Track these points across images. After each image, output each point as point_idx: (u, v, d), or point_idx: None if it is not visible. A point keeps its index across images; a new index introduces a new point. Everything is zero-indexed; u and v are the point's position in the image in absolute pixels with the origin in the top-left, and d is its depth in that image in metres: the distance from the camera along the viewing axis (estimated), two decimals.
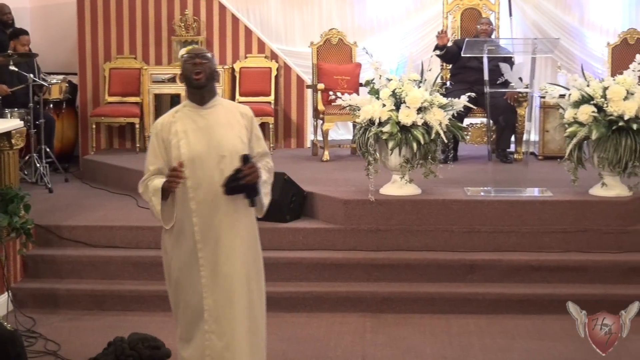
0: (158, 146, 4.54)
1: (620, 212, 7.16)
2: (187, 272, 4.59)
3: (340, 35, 10.30)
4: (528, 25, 10.90)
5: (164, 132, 4.53)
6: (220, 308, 4.55)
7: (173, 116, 4.56)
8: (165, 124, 4.55)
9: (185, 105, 4.59)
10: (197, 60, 4.51)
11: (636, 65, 7.31)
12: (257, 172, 4.48)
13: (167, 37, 10.60)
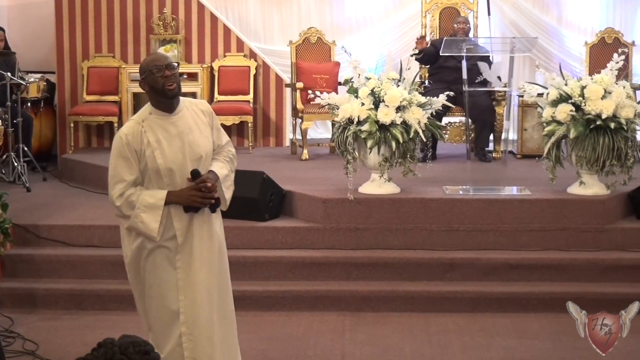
0: (131, 156, 4.39)
1: (598, 210, 7.19)
2: (163, 276, 4.53)
3: (319, 34, 10.30)
4: (506, 25, 10.93)
5: (135, 142, 4.39)
6: (196, 309, 4.52)
7: (141, 125, 4.42)
8: (135, 134, 4.40)
9: (152, 113, 4.47)
10: (167, 72, 4.43)
11: (614, 64, 7.33)
12: (212, 188, 4.44)
13: (146, 35, 10.56)
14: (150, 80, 4.44)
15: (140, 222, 4.38)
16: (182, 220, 4.48)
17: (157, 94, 4.45)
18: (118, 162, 4.41)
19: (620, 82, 7.28)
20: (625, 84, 7.28)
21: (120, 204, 4.39)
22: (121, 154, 4.40)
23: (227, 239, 7.13)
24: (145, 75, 4.46)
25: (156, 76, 4.41)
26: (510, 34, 10.59)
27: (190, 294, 4.51)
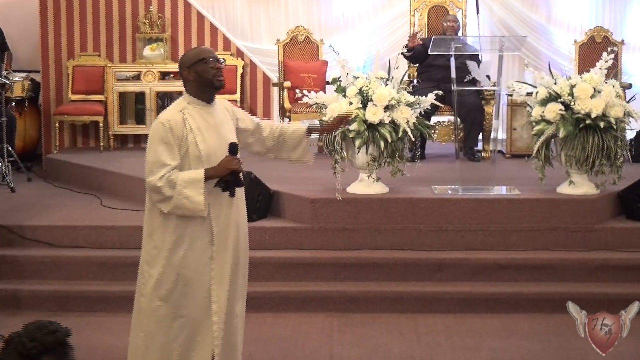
0: (174, 142, 4.45)
1: (587, 210, 7.20)
2: (199, 267, 4.56)
3: (307, 33, 10.30)
4: (495, 23, 10.94)
5: (177, 128, 4.45)
6: (227, 299, 4.61)
7: (182, 113, 4.51)
8: (177, 120, 4.47)
9: (190, 103, 4.56)
10: (218, 64, 4.56)
11: (603, 63, 7.34)
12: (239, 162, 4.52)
13: (132, 34, 10.54)
14: (202, 69, 4.53)
15: (185, 198, 4.39)
16: (218, 209, 4.53)
17: (204, 83, 4.55)
18: (160, 148, 4.45)
19: (610, 81, 7.29)
20: (614, 82, 7.30)
21: (162, 185, 4.40)
22: (163, 140, 4.45)
23: None
24: (196, 64, 4.54)
25: (209, 66, 4.53)
26: (499, 33, 10.60)
27: (223, 285, 4.58)
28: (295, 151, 4.99)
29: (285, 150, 4.99)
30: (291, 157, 5.04)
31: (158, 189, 4.42)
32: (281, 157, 5.04)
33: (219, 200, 4.54)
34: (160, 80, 10.36)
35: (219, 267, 4.57)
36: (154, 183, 4.42)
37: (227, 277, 4.60)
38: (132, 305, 6.67)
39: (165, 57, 10.45)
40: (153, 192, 4.47)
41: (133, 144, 10.61)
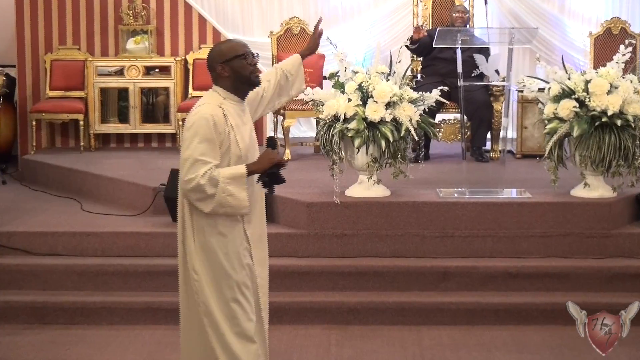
0: (217, 139, 4.52)
1: (603, 214, 7.21)
2: (242, 260, 4.73)
3: (302, 24, 10.30)
4: (504, 14, 10.95)
5: (220, 124, 4.53)
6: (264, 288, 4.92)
7: (222, 108, 4.58)
8: (219, 116, 4.54)
9: (226, 98, 4.63)
10: (254, 60, 4.64)
11: (620, 56, 7.36)
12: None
13: (114, 26, 10.55)
14: (238, 66, 4.61)
15: (229, 196, 4.49)
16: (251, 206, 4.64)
17: (241, 80, 4.64)
18: (202, 145, 4.49)
19: (627, 76, 7.30)
20: (632, 77, 7.31)
21: (204, 182, 4.45)
22: (206, 136, 4.50)
23: None
24: (232, 60, 4.60)
25: (246, 62, 4.61)
26: (509, 24, 10.61)
27: (262, 272, 4.89)
28: (294, 85, 5.15)
29: (287, 89, 5.14)
30: (292, 94, 5.21)
31: (200, 187, 4.47)
32: (285, 100, 5.20)
33: (251, 199, 4.64)
34: (145, 76, 10.36)
35: (255, 256, 4.79)
36: (197, 181, 4.46)
37: (266, 270, 4.93)
38: (114, 316, 6.71)
39: (150, 51, 10.46)
40: (194, 191, 4.51)
41: (116, 144, 10.61)
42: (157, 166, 8.98)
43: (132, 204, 8.00)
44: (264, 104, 5.01)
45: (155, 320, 6.69)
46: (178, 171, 7.49)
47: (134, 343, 6.38)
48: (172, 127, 10.34)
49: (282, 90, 5.08)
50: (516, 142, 9.68)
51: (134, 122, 10.35)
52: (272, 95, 5.03)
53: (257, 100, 4.94)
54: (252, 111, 4.90)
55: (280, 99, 5.10)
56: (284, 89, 5.09)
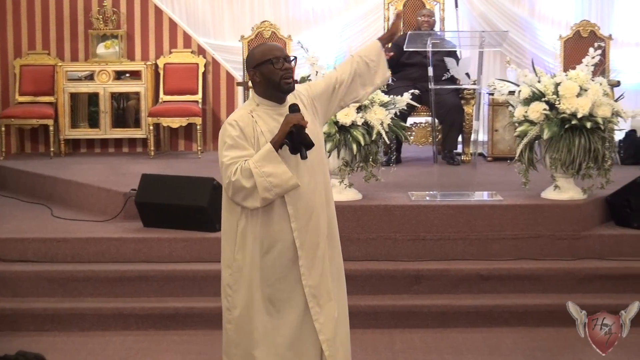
0: (246, 142, 4.41)
1: (574, 216, 7.25)
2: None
3: (274, 29, 10.31)
4: (475, 17, 11.00)
5: (247, 129, 4.42)
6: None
7: (252, 115, 4.46)
8: (246, 121, 4.44)
9: (260, 104, 4.51)
10: (287, 64, 4.47)
11: (589, 59, 7.40)
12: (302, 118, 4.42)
13: (84, 30, 10.52)
14: (267, 71, 4.46)
15: (269, 176, 4.32)
16: (294, 204, 4.48)
17: (271, 86, 4.49)
18: (230, 152, 4.40)
19: (597, 79, 7.34)
20: (602, 80, 7.35)
21: (237, 178, 4.33)
22: (233, 142, 4.41)
23: (173, 251, 7.15)
24: (262, 65, 4.47)
25: (275, 68, 4.45)
26: (480, 28, 10.64)
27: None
28: (378, 73, 4.80)
29: (370, 77, 4.80)
30: (377, 82, 4.86)
31: (237, 185, 4.35)
32: (371, 89, 4.86)
33: (296, 198, 4.47)
34: (115, 80, 10.33)
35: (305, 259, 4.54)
36: (231, 181, 4.36)
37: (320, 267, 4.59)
38: (85, 323, 6.68)
39: (120, 55, 10.43)
40: (235, 192, 4.39)
41: (86, 149, 10.57)
42: (128, 171, 8.95)
43: (102, 209, 7.96)
44: (340, 96, 4.73)
45: (126, 326, 6.66)
46: (149, 176, 7.54)
47: (105, 349, 6.35)
48: (143, 132, 10.31)
49: (364, 80, 4.77)
50: (487, 145, 9.72)
51: (105, 127, 10.32)
52: (351, 86, 4.74)
53: (327, 93, 4.70)
54: (324, 105, 4.70)
55: (365, 88, 4.79)
56: (366, 77, 4.78)
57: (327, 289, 4.60)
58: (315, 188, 4.52)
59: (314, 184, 4.52)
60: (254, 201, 4.37)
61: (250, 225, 4.49)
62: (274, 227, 4.47)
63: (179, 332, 6.59)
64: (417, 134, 9.70)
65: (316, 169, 4.54)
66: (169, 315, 6.68)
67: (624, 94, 7.89)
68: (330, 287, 4.62)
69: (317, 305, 4.54)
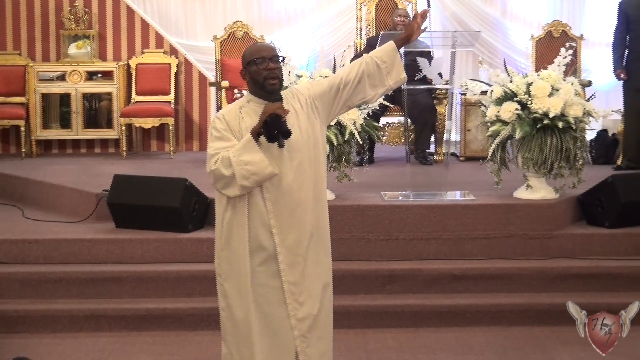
0: (232, 135, 4.51)
1: (546, 215, 7.28)
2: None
3: (246, 29, 10.29)
4: (447, 17, 11.04)
5: (233, 122, 4.54)
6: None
7: (239, 112, 4.57)
8: (234, 117, 4.56)
9: (250, 101, 4.61)
10: (272, 64, 4.54)
11: (561, 59, 7.43)
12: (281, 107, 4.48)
13: (56, 31, 10.48)
14: (252, 72, 4.57)
15: (246, 165, 4.42)
16: (273, 201, 4.54)
17: (257, 86, 4.59)
18: (216, 143, 4.52)
19: (569, 79, 7.37)
20: (573, 80, 7.37)
21: (217, 166, 4.44)
22: (219, 134, 4.53)
23: (146, 252, 7.12)
24: (248, 65, 4.58)
25: (259, 68, 4.54)
26: (452, 28, 10.68)
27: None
28: (391, 74, 4.79)
29: (381, 78, 4.78)
30: (389, 84, 4.81)
31: (217, 173, 4.46)
32: (382, 90, 4.82)
33: (276, 194, 4.53)
34: (87, 81, 10.30)
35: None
36: (212, 169, 4.47)
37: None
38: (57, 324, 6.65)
39: (92, 56, 10.40)
40: (215, 180, 4.51)
41: (58, 150, 10.53)
42: (100, 172, 8.92)
43: (74, 210, 7.93)
44: (346, 97, 4.73)
45: (98, 327, 6.64)
46: (121, 177, 7.51)
47: (77, 351, 6.33)
48: (115, 132, 10.28)
49: (374, 80, 4.75)
50: (460, 145, 9.75)
51: (77, 128, 10.28)
52: (358, 86, 4.73)
53: (331, 93, 4.72)
54: (327, 105, 4.72)
55: (375, 89, 4.77)
56: (377, 78, 4.76)
57: (309, 287, 4.62)
58: (301, 186, 4.56)
59: (300, 181, 4.57)
60: (233, 189, 4.47)
61: (236, 217, 4.57)
62: (255, 223, 4.54)
63: (151, 333, 6.57)
64: (390, 134, 9.72)
65: (305, 167, 4.59)
66: (141, 316, 6.65)
67: (595, 93, 7.92)
68: (314, 286, 4.64)
69: (295, 302, 4.57)
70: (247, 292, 4.59)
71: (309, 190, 4.61)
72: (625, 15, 9.16)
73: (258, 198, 4.52)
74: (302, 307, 4.59)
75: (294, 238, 4.56)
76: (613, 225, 7.32)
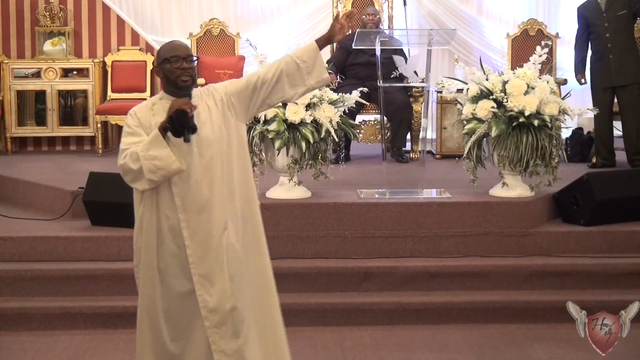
0: (143, 132, 4.55)
1: (521, 213, 7.30)
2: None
3: (222, 26, 10.28)
4: (423, 15, 11.05)
5: (144, 119, 4.58)
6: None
7: (151, 109, 4.60)
8: (145, 113, 4.60)
9: (162, 98, 4.63)
10: (185, 64, 4.57)
11: (537, 57, 7.45)
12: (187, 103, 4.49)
13: (31, 28, 10.43)
14: (166, 70, 4.59)
15: (154, 159, 4.45)
16: (183, 198, 4.56)
17: (169, 83, 4.62)
18: (127, 138, 4.56)
19: (544, 77, 7.38)
20: (549, 78, 7.40)
21: (125, 161, 4.48)
22: (131, 130, 4.57)
23: (122, 250, 7.09)
24: (162, 63, 4.60)
25: (173, 67, 4.56)
26: (428, 26, 10.70)
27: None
28: (312, 74, 4.74)
29: (302, 78, 4.74)
30: (310, 83, 4.77)
31: (125, 167, 4.50)
32: (302, 90, 4.79)
33: (185, 194, 4.56)
34: (63, 78, 10.26)
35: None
36: (120, 164, 4.52)
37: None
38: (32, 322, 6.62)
39: (67, 53, 10.35)
40: (124, 174, 4.55)
41: (33, 147, 10.49)
42: (76, 169, 8.88)
43: (50, 208, 7.89)
44: (264, 95, 4.71)
45: (74, 325, 6.61)
46: (97, 174, 7.48)
47: (52, 349, 6.30)
48: (90, 129, 10.25)
49: (294, 80, 4.72)
50: (436, 143, 9.77)
51: (52, 125, 10.24)
52: (276, 85, 4.71)
53: (248, 91, 4.70)
54: (244, 103, 4.71)
55: (295, 89, 4.74)
56: (296, 78, 4.73)
57: (223, 281, 4.62)
58: (211, 182, 4.59)
59: (210, 178, 4.59)
60: (141, 183, 4.53)
61: (147, 211, 4.62)
62: (164, 216, 4.59)
63: (127, 330, 6.52)
64: (366, 131, 9.73)
65: (217, 163, 4.60)
66: (117, 314, 6.62)
67: (570, 92, 7.97)
68: (229, 281, 4.64)
69: (206, 294, 4.60)
70: (157, 282, 4.64)
71: (222, 186, 4.63)
72: (584, 19, 9.24)
73: (166, 193, 4.58)
74: (212, 299, 4.60)
75: (203, 233, 4.59)
76: (588, 223, 7.35)
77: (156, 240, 4.61)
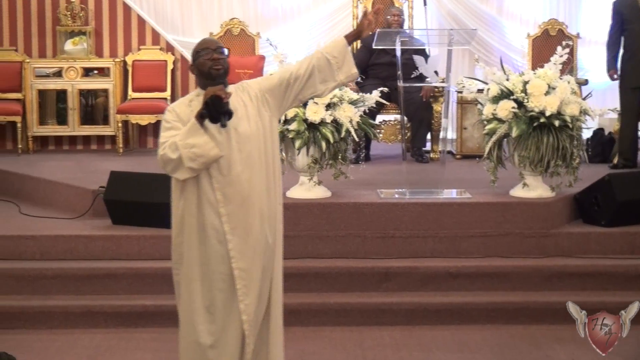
0: (182, 123, 4.60)
1: (542, 214, 7.28)
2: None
3: (242, 26, 10.29)
4: (444, 15, 11.03)
5: (183, 115, 4.64)
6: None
7: (189, 105, 4.67)
8: (183, 109, 4.67)
9: (199, 95, 4.67)
10: (215, 55, 4.66)
11: (557, 57, 7.42)
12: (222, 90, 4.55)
13: (52, 27, 10.46)
14: (199, 63, 4.69)
15: (192, 147, 4.50)
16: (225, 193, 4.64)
17: (203, 76, 4.69)
18: (166, 133, 4.62)
19: (565, 77, 7.36)
20: (569, 78, 7.36)
21: (165, 152, 4.55)
22: (170, 125, 4.64)
23: (142, 249, 7.10)
24: (195, 60, 4.72)
25: (204, 59, 4.67)
26: (448, 26, 10.69)
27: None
28: (342, 69, 4.81)
29: (332, 73, 4.80)
30: (340, 79, 4.83)
31: (165, 158, 4.56)
32: (332, 85, 4.85)
33: (226, 187, 4.63)
34: (84, 77, 10.28)
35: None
36: (159, 156, 4.59)
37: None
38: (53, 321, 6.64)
39: (88, 52, 10.38)
40: (164, 164, 4.60)
41: (54, 146, 10.52)
42: (96, 168, 8.90)
43: (71, 206, 7.91)
44: (296, 91, 4.78)
45: (94, 324, 6.63)
46: (118, 173, 7.50)
47: (73, 347, 6.32)
48: (111, 129, 10.27)
49: (324, 75, 4.78)
50: (456, 143, 9.75)
51: (73, 124, 10.27)
52: (309, 81, 4.77)
53: (282, 87, 4.77)
54: (278, 99, 4.79)
55: (325, 84, 4.80)
56: (327, 73, 4.78)
57: (258, 277, 4.75)
58: (250, 178, 4.66)
59: (249, 174, 4.66)
60: (182, 172, 4.59)
61: (188, 207, 4.69)
62: (205, 211, 4.65)
63: (147, 329, 6.56)
64: (386, 131, 9.72)
65: (255, 158, 4.68)
66: (137, 313, 6.64)
67: (591, 92, 7.92)
68: (260, 275, 4.78)
69: (244, 287, 4.70)
70: (198, 278, 4.72)
71: (259, 183, 4.71)
72: (619, 15, 9.15)
73: (207, 188, 4.64)
74: (250, 292, 4.71)
75: (244, 227, 4.67)
76: (609, 224, 7.32)
77: (197, 236, 4.68)
